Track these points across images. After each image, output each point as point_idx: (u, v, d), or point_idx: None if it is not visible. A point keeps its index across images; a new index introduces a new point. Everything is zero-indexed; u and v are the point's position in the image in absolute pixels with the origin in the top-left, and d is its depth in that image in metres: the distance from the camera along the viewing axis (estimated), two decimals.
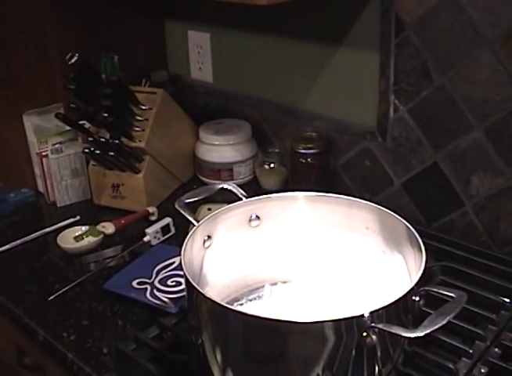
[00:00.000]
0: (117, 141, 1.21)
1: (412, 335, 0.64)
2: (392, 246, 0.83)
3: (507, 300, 0.91)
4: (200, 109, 1.52)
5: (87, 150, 1.22)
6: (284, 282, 0.91)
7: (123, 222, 1.21)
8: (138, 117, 1.27)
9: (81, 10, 1.37)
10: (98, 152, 1.21)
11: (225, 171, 1.37)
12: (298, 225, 0.89)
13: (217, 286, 0.85)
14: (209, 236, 0.83)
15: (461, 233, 1.11)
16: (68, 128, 1.30)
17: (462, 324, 0.85)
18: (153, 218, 1.25)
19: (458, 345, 0.83)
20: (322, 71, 1.25)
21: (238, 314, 0.68)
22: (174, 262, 1.07)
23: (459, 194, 1.09)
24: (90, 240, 1.17)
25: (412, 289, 0.68)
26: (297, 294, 0.89)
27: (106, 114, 1.18)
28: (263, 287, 0.91)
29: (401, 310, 0.68)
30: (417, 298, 0.70)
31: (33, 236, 1.22)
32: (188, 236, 0.79)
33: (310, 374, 0.67)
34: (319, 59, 1.24)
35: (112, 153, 1.20)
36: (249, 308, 0.87)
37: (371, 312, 0.64)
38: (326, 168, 1.26)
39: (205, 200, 0.96)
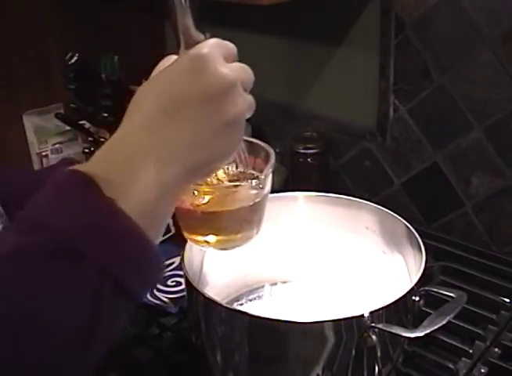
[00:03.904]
0: None
1: (412, 335, 0.64)
2: (392, 246, 0.83)
3: (507, 300, 0.91)
4: None
5: (87, 150, 1.22)
6: (284, 282, 0.91)
7: None
8: None
9: (81, 10, 1.37)
10: None
11: None
12: (298, 225, 0.89)
13: (217, 286, 0.85)
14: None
15: (461, 233, 1.11)
16: (68, 128, 1.30)
17: (462, 324, 0.85)
18: None
19: (458, 345, 0.83)
20: (322, 71, 1.24)
21: (238, 314, 0.68)
22: (174, 262, 1.07)
23: (459, 194, 1.09)
24: None
25: (412, 289, 0.68)
26: (297, 294, 0.89)
27: (106, 114, 1.18)
28: (263, 287, 0.91)
29: (401, 310, 0.68)
30: (417, 298, 0.70)
31: None
32: None
33: (310, 374, 0.67)
34: (318, 59, 1.24)
35: None
36: (249, 308, 0.87)
37: (371, 312, 0.64)
38: (326, 168, 1.26)
39: None
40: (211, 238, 0.61)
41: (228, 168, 0.61)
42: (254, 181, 0.59)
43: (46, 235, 0.39)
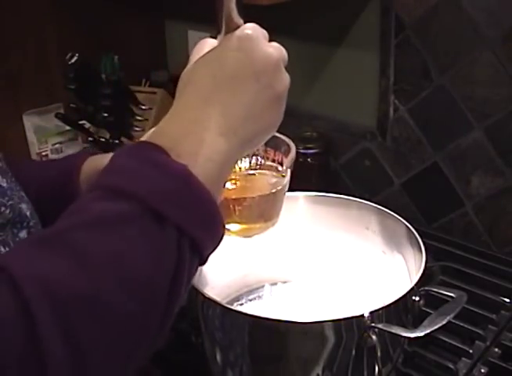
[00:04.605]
0: (117, 141, 1.21)
1: (412, 335, 0.64)
2: (392, 246, 0.83)
3: (507, 300, 0.91)
4: None
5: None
6: (284, 282, 0.91)
7: None
8: (138, 117, 1.27)
9: (81, 10, 1.37)
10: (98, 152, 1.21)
11: None
12: (298, 225, 0.89)
13: (217, 286, 0.85)
14: None
15: (461, 233, 1.11)
16: (68, 128, 1.30)
17: (462, 324, 0.85)
18: None
19: (458, 345, 0.83)
20: (322, 71, 1.24)
21: (238, 314, 0.68)
22: None
23: (459, 194, 1.09)
24: None
25: (412, 289, 0.68)
26: (297, 294, 0.89)
27: (106, 114, 1.18)
28: (263, 287, 0.91)
29: (401, 310, 0.68)
30: (417, 298, 0.70)
31: None
32: None
33: (310, 374, 0.67)
34: (318, 58, 1.24)
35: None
36: (249, 308, 0.87)
37: (371, 312, 0.64)
38: (326, 168, 1.26)
39: None
40: (232, 226, 0.63)
41: (250, 160, 0.65)
42: (275, 170, 0.63)
43: (131, 201, 0.42)
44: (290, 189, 0.90)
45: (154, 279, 0.42)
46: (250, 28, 0.53)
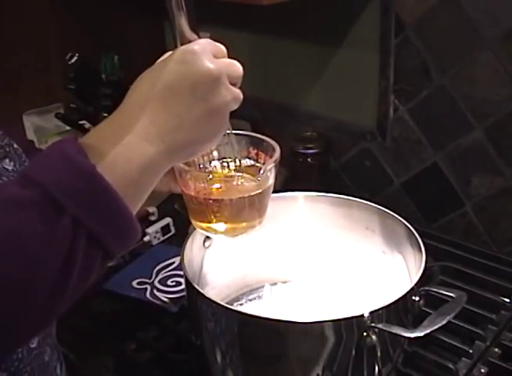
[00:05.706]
0: None
1: (412, 335, 0.64)
2: (392, 246, 0.83)
3: (507, 300, 0.91)
4: None
5: None
6: (284, 282, 0.91)
7: None
8: None
9: (81, 10, 1.37)
10: None
11: None
12: (298, 225, 0.89)
13: (217, 286, 0.85)
14: (209, 236, 0.83)
15: (461, 233, 1.11)
16: (68, 128, 1.30)
17: (462, 324, 0.85)
18: (153, 218, 1.25)
19: (458, 345, 0.83)
20: (322, 71, 1.24)
21: (238, 314, 0.68)
22: (174, 262, 1.07)
23: (459, 194, 1.09)
24: None
25: (412, 289, 0.68)
26: (297, 294, 0.89)
27: (106, 114, 1.18)
28: (263, 287, 0.91)
29: (401, 310, 0.68)
30: (417, 298, 0.70)
31: None
32: (188, 236, 0.79)
33: (310, 374, 0.67)
34: (318, 59, 1.24)
35: None
36: (249, 308, 0.87)
37: (371, 312, 0.65)
38: (326, 168, 1.26)
39: None
40: (218, 226, 0.65)
41: (240, 162, 0.66)
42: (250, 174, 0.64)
43: (35, 188, 0.47)
44: (290, 189, 0.91)
45: (42, 259, 0.46)
46: (198, 43, 0.55)
